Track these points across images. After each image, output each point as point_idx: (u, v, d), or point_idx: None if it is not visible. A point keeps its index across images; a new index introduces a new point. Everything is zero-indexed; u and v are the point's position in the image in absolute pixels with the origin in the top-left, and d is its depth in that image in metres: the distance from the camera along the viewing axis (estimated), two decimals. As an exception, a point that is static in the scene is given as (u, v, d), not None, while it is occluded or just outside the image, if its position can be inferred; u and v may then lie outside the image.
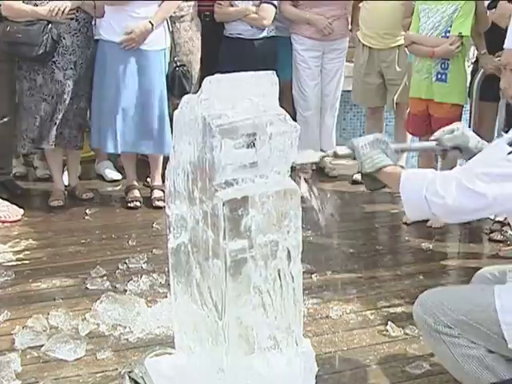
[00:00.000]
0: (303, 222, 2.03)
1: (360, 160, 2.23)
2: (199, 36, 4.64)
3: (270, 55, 4.67)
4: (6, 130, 4.34)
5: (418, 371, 2.54)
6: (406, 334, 2.79)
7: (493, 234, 3.85)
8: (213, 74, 1.95)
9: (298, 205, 2.01)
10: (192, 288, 2.12)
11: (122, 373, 2.43)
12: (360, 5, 4.76)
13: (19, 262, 3.50)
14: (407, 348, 2.70)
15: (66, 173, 4.59)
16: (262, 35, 4.69)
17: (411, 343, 2.73)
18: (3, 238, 3.82)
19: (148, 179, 4.62)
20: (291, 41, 4.78)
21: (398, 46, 4.54)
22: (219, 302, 1.96)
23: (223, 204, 1.87)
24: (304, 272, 2.15)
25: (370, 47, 4.66)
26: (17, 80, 4.18)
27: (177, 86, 4.26)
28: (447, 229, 4.03)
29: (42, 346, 2.66)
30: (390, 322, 2.86)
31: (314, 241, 3.76)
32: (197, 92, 1.98)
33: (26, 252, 3.64)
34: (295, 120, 2.04)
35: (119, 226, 4.07)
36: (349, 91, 5.09)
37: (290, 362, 2.10)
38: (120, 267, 3.42)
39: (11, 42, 4.02)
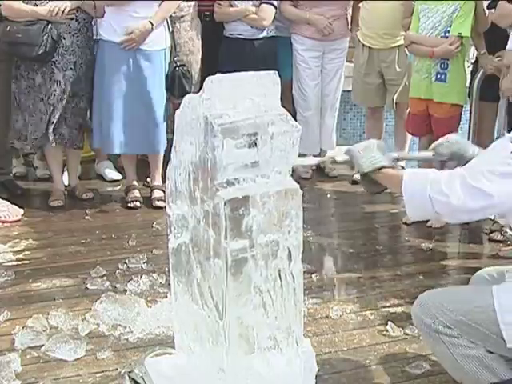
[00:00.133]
0: (304, 222, 2.04)
1: (357, 162, 2.22)
2: (199, 36, 4.64)
3: (270, 55, 4.67)
4: (6, 130, 4.34)
5: (418, 371, 2.54)
6: (406, 334, 2.80)
7: (493, 234, 3.85)
8: (213, 74, 1.95)
9: (299, 205, 2.01)
10: (193, 288, 2.12)
11: (122, 373, 2.43)
12: (360, 5, 4.77)
13: (19, 262, 3.50)
14: (407, 348, 2.70)
15: (65, 173, 4.58)
16: (261, 35, 4.68)
17: (411, 343, 2.73)
18: (3, 237, 3.82)
19: (148, 179, 4.62)
20: (291, 41, 4.78)
21: (398, 46, 4.54)
22: (220, 301, 1.96)
23: (224, 203, 1.87)
24: (304, 272, 2.15)
25: (369, 47, 4.66)
26: (13, 79, 4.17)
27: (177, 86, 4.26)
28: (447, 229, 4.03)
29: (42, 346, 2.66)
30: (389, 322, 2.86)
31: (314, 241, 3.76)
32: (197, 92, 1.98)
33: (26, 252, 3.64)
34: (295, 120, 2.04)
35: (119, 226, 4.07)
36: (349, 91, 5.09)
37: (290, 362, 2.10)
38: (120, 267, 3.42)
39: (11, 42, 4.01)
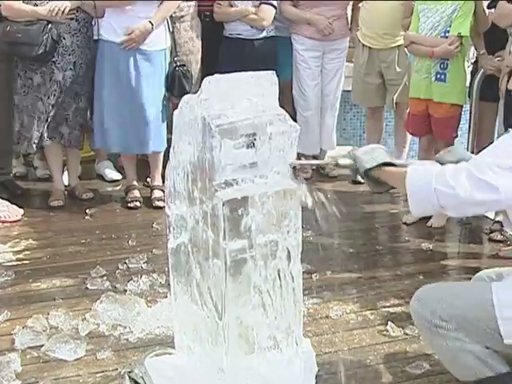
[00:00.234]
0: (303, 222, 2.03)
1: (360, 161, 2.21)
2: (199, 36, 4.64)
3: (269, 55, 4.66)
4: (6, 130, 4.34)
5: (418, 371, 2.54)
6: (406, 334, 2.79)
7: (493, 234, 3.85)
8: (213, 74, 1.95)
9: (297, 205, 2.01)
10: (192, 288, 2.12)
11: (122, 373, 2.43)
12: (360, 5, 4.77)
13: (19, 262, 3.50)
14: (407, 348, 2.70)
15: (65, 173, 4.58)
16: (261, 35, 4.67)
17: (411, 343, 2.73)
18: (3, 237, 3.82)
19: (148, 179, 4.62)
20: (291, 41, 4.78)
21: (398, 46, 4.54)
22: (219, 302, 1.96)
23: (223, 204, 1.88)
24: (304, 272, 2.15)
25: (369, 47, 4.66)
26: (12, 79, 4.17)
27: (177, 85, 4.25)
28: (447, 229, 4.03)
29: (42, 346, 2.66)
30: (389, 322, 2.86)
31: (314, 241, 3.76)
32: (197, 92, 1.98)
33: (26, 252, 3.64)
34: (295, 120, 2.04)
35: (119, 226, 4.07)
36: (349, 91, 5.08)
37: (290, 362, 2.10)
38: (120, 267, 3.42)
39: (11, 42, 4.01)
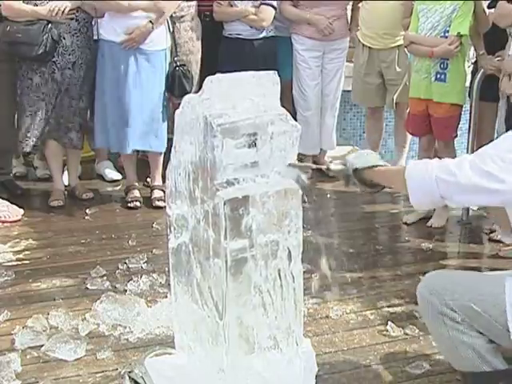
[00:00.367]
0: (304, 222, 2.03)
1: (351, 162, 2.15)
2: (199, 36, 4.64)
3: (269, 55, 4.66)
4: (7, 130, 4.34)
5: (418, 371, 2.54)
6: (406, 333, 2.80)
7: (493, 234, 3.85)
8: (213, 74, 1.95)
9: (298, 205, 2.01)
10: (192, 288, 2.12)
11: (122, 373, 2.43)
12: (360, 5, 4.77)
13: (19, 262, 3.50)
14: (407, 348, 2.70)
15: (65, 173, 4.58)
16: (261, 35, 4.67)
17: (411, 343, 2.73)
18: (3, 237, 3.82)
19: (148, 179, 4.62)
20: (291, 41, 4.78)
21: (398, 46, 4.54)
22: (220, 301, 1.96)
23: (224, 203, 1.88)
24: (304, 272, 2.15)
25: (369, 47, 4.66)
26: (15, 79, 4.17)
27: (177, 85, 4.25)
28: (447, 229, 4.03)
29: (42, 346, 2.66)
30: (389, 322, 2.86)
31: (314, 241, 3.76)
32: (197, 92, 1.98)
33: (26, 252, 3.64)
34: (295, 120, 2.04)
35: (119, 226, 4.07)
36: (349, 91, 5.08)
37: (290, 362, 2.10)
38: (120, 267, 3.41)
39: (11, 42, 4.01)
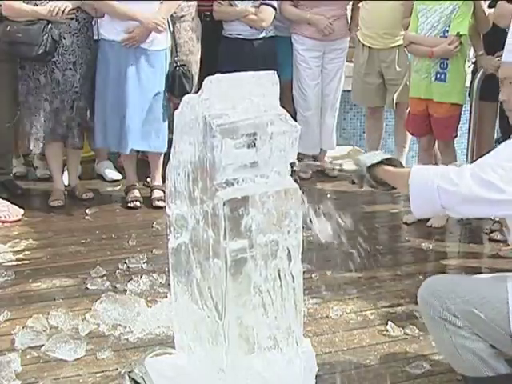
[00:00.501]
0: (303, 222, 2.03)
1: (364, 162, 2.21)
2: (199, 36, 4.64)
3: (269, 55, 4.66)
4: (7, 130, 4.34)
5: (418, 371, 2.53)
6: (406, 333, 2.79)
7: (493, 234, 3.85)
8: (212, 74, 1.95)
9: (298, 205, 2.01)
10: (192, 288, 2.12)
11: (122, 373, 2.42)
12: (360, 5, 4.77)
13: (19, 262, 3.50)
14: (407, 348, 2.70)
15: (65, 173, 4.58)
16: (261, 35, 4.67)
17: (411, 343, 2.73)
18: (3, 237, 3.82)
19: (148, 179, 4.62)
20: (291, 41, 4.78)
21: (398, 45, 4.54)
22: (219, 301, 1.96)
23: (224, 203, 1.87)
24: (304, 272, 2.15)
25: (369, 47, 4.66)
26: (20, 80, 4.17)
27: (177, 86, 4.25)
28: (447, 229, 4.03)
29: (42, 346, 2.65)
30: (390, 322, 2.86)
31: (314, 241, 3.75)
32: (196, 92, 1.98)
33: (26, 252, 3.64)
34: (295, 120, 2.04)
35: (119, 226, 4.07)
36: (349, 91, 5.09)
37: (290, 362, 2.10)
38: (120, 267, 3.41)
39: (11, 42, 4.01)
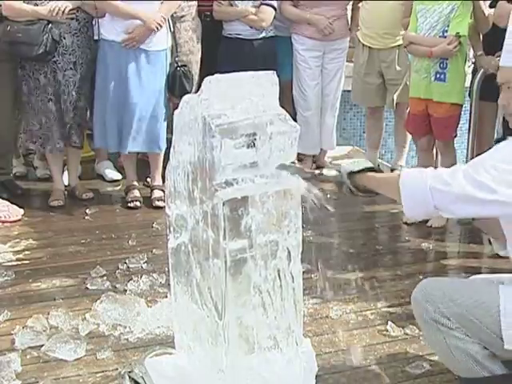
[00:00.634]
0: (303, 222, 2.03)
1: (344, 169, 2.18)
2: (200, 36, 4.64)
3: (269, 55, 4.66)
4: (7, 130, 4.34)
5: (418, 371, 2.54)
6: (406, 333, 2.79)
7: (493, 234, 3.85)
8: (212, 75, 1.95)
9: (298, 205, 2.01)
10: (192, 288, 2.12)
11: (122, 373, 2.42)
12: (360, 5, 4.77)
13: (19, 262, 3.50)
14: (407, 348, 2.70)
15: (65, 173, 4.58)
16: (261, 35, 4.67)
17: (411, 343, 2.73)
18: (3, 237, 3.82)
19: (148, 179, 4.62)
20: (291, 41, 4.78)
21: (398, 45, 4.54)
22: (219, 301, 1.96)
23: (223, 204, 1.88)
24: (304, 272, 2.15)
25: (369, 47, 4.66)
26: (22, 81, 4.17)
27: (177, 86, 4.25)
28: (447, 229, 4.02)
29: (42, 346, 2.66)
30: (390, 322, 2.86)
31: (314, 241, 3.76)
32: (196, 92, 1.98)
33: (26, 252, 3.64)
34: (295, 120, 2.04)
35: (119, 226, 4.07)
36: (349, 91, 5.09)
37: (290, 362, 2.10)
38: (120, 267, 3.41)
39: (11, 42, 4.01)
